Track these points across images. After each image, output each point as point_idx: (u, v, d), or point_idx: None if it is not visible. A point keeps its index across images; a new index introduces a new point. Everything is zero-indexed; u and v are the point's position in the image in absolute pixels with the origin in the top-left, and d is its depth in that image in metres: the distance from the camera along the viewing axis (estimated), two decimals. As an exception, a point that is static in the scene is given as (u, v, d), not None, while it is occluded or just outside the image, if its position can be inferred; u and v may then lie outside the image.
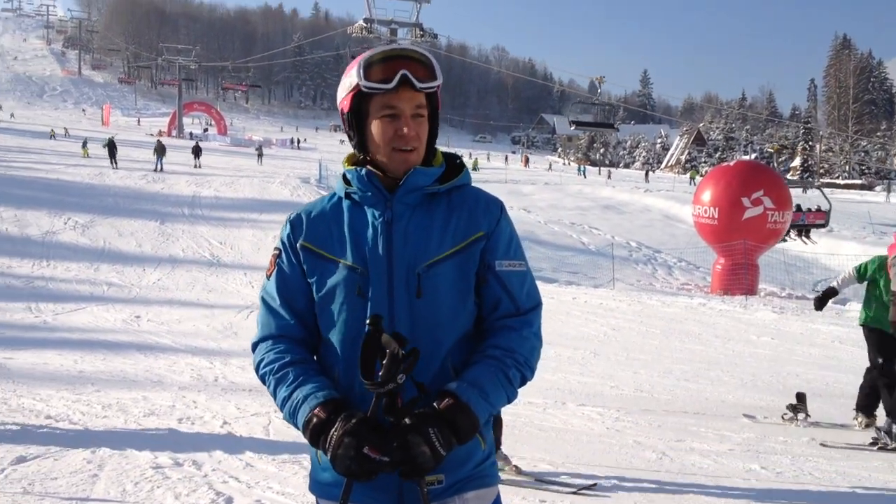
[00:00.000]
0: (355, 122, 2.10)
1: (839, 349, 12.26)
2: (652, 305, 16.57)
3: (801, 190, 32.60)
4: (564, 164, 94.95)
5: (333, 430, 1.89)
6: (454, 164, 2.19)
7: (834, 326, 14.10)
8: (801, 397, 7.83)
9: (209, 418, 7.30)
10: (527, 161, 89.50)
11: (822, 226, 28.88)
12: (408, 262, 2.03)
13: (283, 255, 2.15)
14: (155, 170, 38.80)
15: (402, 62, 2.02)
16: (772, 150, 54.64)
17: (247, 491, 5.11)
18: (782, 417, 7.75)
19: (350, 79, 2.07)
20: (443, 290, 2.03)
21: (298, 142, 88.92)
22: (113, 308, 15.49)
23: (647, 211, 37.36)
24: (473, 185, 2.20)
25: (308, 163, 53.29)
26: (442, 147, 2.23)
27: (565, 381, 9.53)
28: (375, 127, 2.05)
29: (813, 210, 28.05)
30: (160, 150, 40.33)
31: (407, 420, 1.87)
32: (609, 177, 70.20)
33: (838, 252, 25.40)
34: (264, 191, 35.07)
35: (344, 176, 2.15)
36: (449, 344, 2.04)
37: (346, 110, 2.11)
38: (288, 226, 2.17)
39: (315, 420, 1.93)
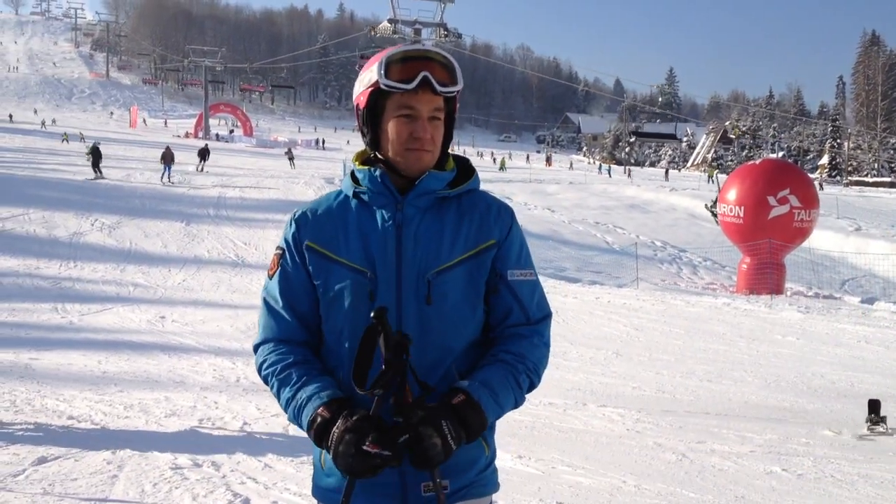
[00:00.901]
0: (370, 119, 2.08)
1: (865, 349, 12.11)
2: (676, 305, 16.46)
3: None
4: (589, 162, 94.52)
5: (335, 427, 1.89)
6: (464, 168, 2.17)
7: (860, 326, 13.93)
8: (875, 405, 7.56)
9: (230, 419, 7.33)
10: (548, 160, 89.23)
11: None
12: (418, 268, 2.01)
13: (287, 254, 2.12)
14: (162, 181, 34.28)
15: (424, 63, 2.00)
16: (733, 136, 55.19)
17: (264, 492, 5.13)
18: (869, 430, 7.32)
19: (370, 75, 2.05)
20: (452, 297, 2.02)
21: (323, 142, 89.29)
22: (138, 308, 15.61)
23: (673, 210, 37.11)
24: (497, 184, 2.19)
25: (333, 163, 53.46)
26: (467, 147, 2.21)
27: (587, 382, 9.49)
28: (391, 126, 2.03)
29: None
30: (168, 158, 35.27)
31: (419, 412, 1.86)
32: (629, 175, 69.77)
33: (866, 251, 25.14)
34: (289, 191, 35.24)
35: (353, 174, 2.13)
36: (457, 352, 2.04)
37: (361, 106, 2.09)
38: (293, 224, 2.13)
39: (319, 419, 1.93)
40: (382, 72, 2.00)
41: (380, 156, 2.09)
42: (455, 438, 1.86)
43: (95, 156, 34.79)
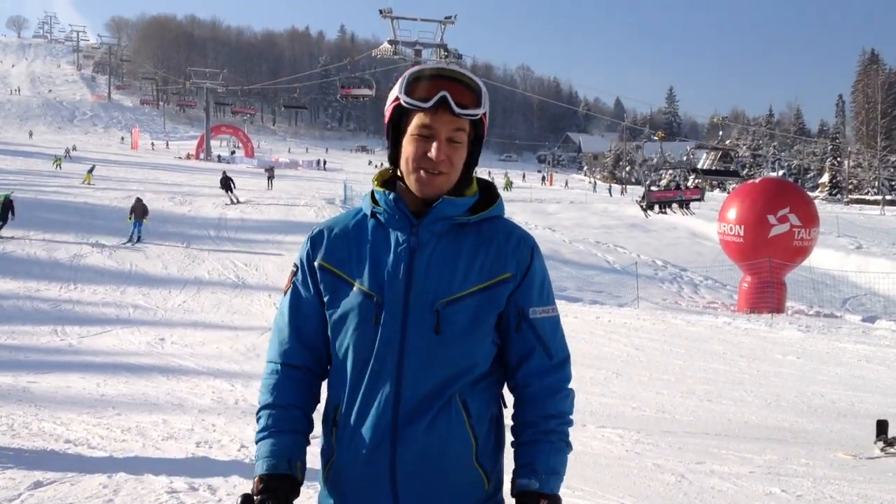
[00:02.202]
0: (393, 134, 2.06)
1: (866, 368, 12.08)
2: (676, 324, 16.43)
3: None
4: (590, 182, 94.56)
5: None
6: (489, 194, 2.12)
7: (861, 345, 13.90)
8: (883, 426, 7.50)
9: (227, 442, 7.31)
10: (544, 180, 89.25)
11: (699, 199, 38.87)
12: (427, 296, 1.96)
13: (300, 273, 2.10)
14: (129, 242, 26.25)
15: (447, 83, 1.96)
16: (657, 138, 56.97)
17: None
18: (882, 451, 7.24)
19: (395, 90, 2.02)
20: (461, 329, 1.97)
21: (325, 163, 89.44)
22: (138, 331, 15.62)
23: (674, 229, 37.13)
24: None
25: (333, 184, 53.52)
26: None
27: (586, 402, 9.45)
28: (407, 143, 2.00)
29: (690, 187, 37.83)
30: (139, 213, 27.03)
31: None
32: (623, 193, 69.82)
33: (867, 269, 25.10)
34: (289, 212, 35.29)
35: (372, 194, 2.09)
36: (462, 383, 1.99)
37: (386, 120, 2.07)
38: (308, 243, 2.12)
39: (252, 488, 1.99)
40: (404, 88, 1.98)
41: (399, 173, 2.06)
42: None
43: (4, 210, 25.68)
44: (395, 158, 2.06)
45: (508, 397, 2.13)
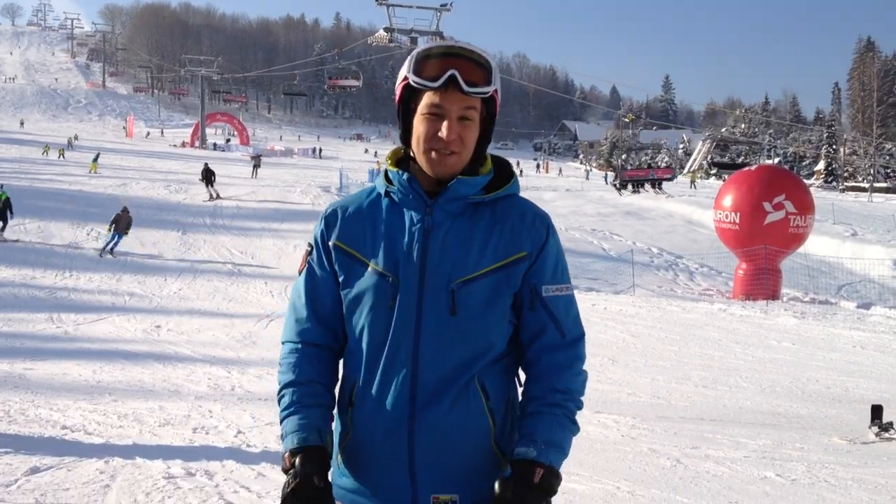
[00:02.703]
0: (403, 114, 2.03)
1: (860, 354, 12.12)
2: (672, 311, 16.47)
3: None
4: (587, 169, 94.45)
5: (286, 480, 1.92)
6: (503, 172, 2.10)
7: (856, 331, 13.95)
8: (878, 411, 7.51)
9: (224, 428, 7.32)
10: (539, 167, 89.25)
11: (670, 179, 42.32)
12: (442, 276, 1.95)
13: (315, 252, 2.10)
14: (102, 253, 23.16)
15: (457, 61, 1.93)
16: (627, 120, 59.09)
17: (257, 501, 5.12)
18: (877, 436, 7.29)
19: (404, 69, 1.99)
20: (477, 309, 1.96)
21: (320, 151, 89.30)
22: (134, 318, 15.61)
23: (669, 216, 37.13)
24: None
25: (329, 171, 53.46)
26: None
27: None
28: (417, 123, 1.98)
29: (661, 167, 39.05)
30: (121, 225, 23.62)
31: (514, 494, 1.86)
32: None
33: (863, 256, 25.15)
34: (285, 200, 35.26)
35: (386, 173, 2.08)
36: (479, 365, 1.98)
37: (396, 100, 2.05)
38: (322, 222, 2.10)
39: (283, 464, 1.96)
40: (412, 67, 1.96)
41: (411, 153, 2.04)
42: None
43: None
44: (406, 138, 2.04)
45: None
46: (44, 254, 22.20)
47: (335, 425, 2.09)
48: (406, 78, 1.98)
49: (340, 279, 2.04)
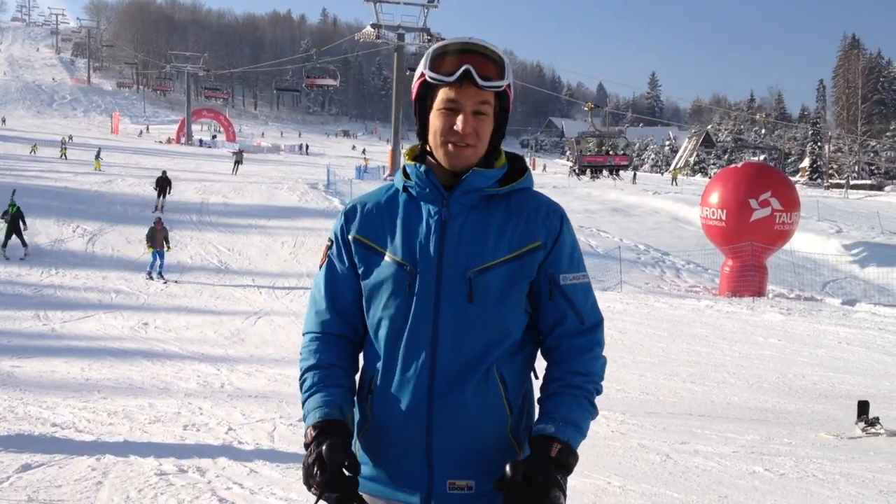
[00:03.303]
0: (420, 110, 2.08)
1: (846, 350, 12.23)
2: (659, 308, 16.55)
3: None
4: (573, 167, 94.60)
5: (307, 452, 1.95)
6: (517, 166, 2.15)
7: (841, 328, 14.06)
8: (864, 406, 7.59)
9: (214, 425, 7.32)
10: (534, 165, 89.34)
11: (626, 167, 44.90)
12: (459, 265, 2.00)
13: (335, 247, 2.15)
14: (149, 276, 20.43)
15: (470, 57, 1.98)
16: (586, 108, 59.52)
17: (250, 497, 5.13)
18: (864, 431, 7.39)
19: (420, 66, 2.05)
20: (493, 297, 2.00)
21: (307, 147, 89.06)
22: (121, 315, 15.58)
23: (656, 213, 37.24)
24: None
25: (316, 168, 53.32)
26: None
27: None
28: (434, 118, 2.03)
29: (618, 154, 43.05)
30: (159, 239, 20.79)
31: (537, 477, 1.86)
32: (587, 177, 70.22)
33: (848, 253, 25.33)
34: (272, 197, 35.16)
35: (404, 169, 2.13)
36: (497, 352, 2.02)
37: (413, 97, 2.10)
38: (342, 217, 2.16)
39: (305, 440, 2.00)
40: (428, 64, 2.01)
41: (428, 148, 2.09)
42: (565, 491, 1.90)
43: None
44: (423, 134, 2.09)
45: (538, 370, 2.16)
46: (29, 250, 22.07)
47: (354, 413, 2.13)
48: (423, 74, 2.03)
49: (360, 271, 2.09)
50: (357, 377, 2.17)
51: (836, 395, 9.28)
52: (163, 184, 30.62)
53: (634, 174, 75.51)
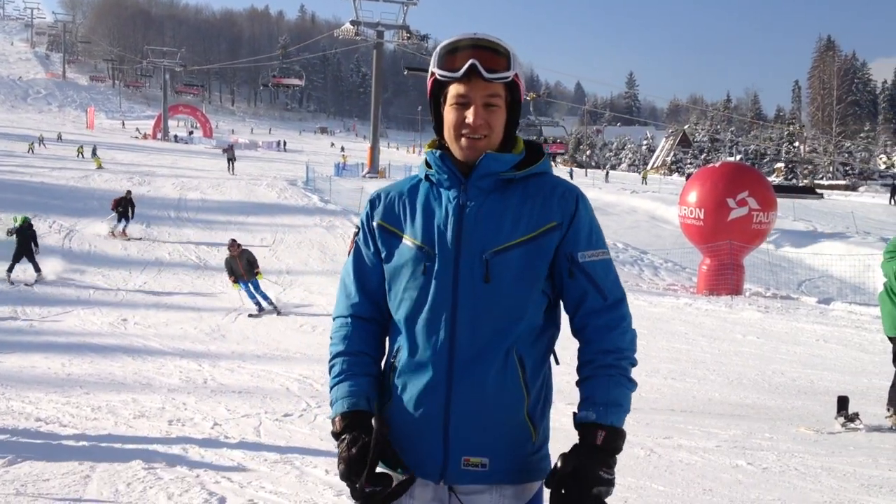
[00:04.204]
0: (434, 107, 2.17)
1: (823, 347, 12.37)
2: (639, 305, 16.63)
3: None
4: (553, 165, 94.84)
5: (340, 445, 2.06)
6: (534, 152, 2.20)
7: (818, 325, 14.22)
8: (844, 402, 7.69)
9: (199, 420, 7.32)
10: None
11: (563, 154, 43.70)
12: (476, 247, 2.05)
13: (361, 234, 2.24)
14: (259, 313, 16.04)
15: (476, 52, 2.05)
16: (529, 98, 60.69)
17: (239, 491, 5.14)
18: (843, 426, 7.46)
19: (431, 65, 2.12)
20: (510, 278, 2.05)
21: (285, 144, 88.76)
22: (99, 311, 15.49)
23: (634, 212, 37.46)
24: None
25: (295, 165, 53.18)
26: (426, 149, 2.25)
27: (555, 381, 9.56)
28: (447, 113, 2.10)
29: (555, 142, 44.83)
30: (245, 267, 16.66)
31: (583, 472, 1.93)
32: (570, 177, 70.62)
33: (822, 252, 25.59)
34: (251, 193, 35.05)
35: (426, 159, 2.20)
36: (515, 334, 2.06)
37: (428, 95, 2.18)
38: (368, 206, 2.24)
39: (333, 428, 2.11)
40: (437, 63, 2.09)
41: (444, 143, 2.16)
42: (613, 475, 1.97)
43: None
44: (439, 129, 2.17)
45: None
46: (4, 246, 21.83)
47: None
48: (433, 73, 2.11)
49: (383, 255, 2.18)
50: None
51: (815, 391, 9.39)
52: (126, 205, 25.32)
53: (607, 173, 75.86)
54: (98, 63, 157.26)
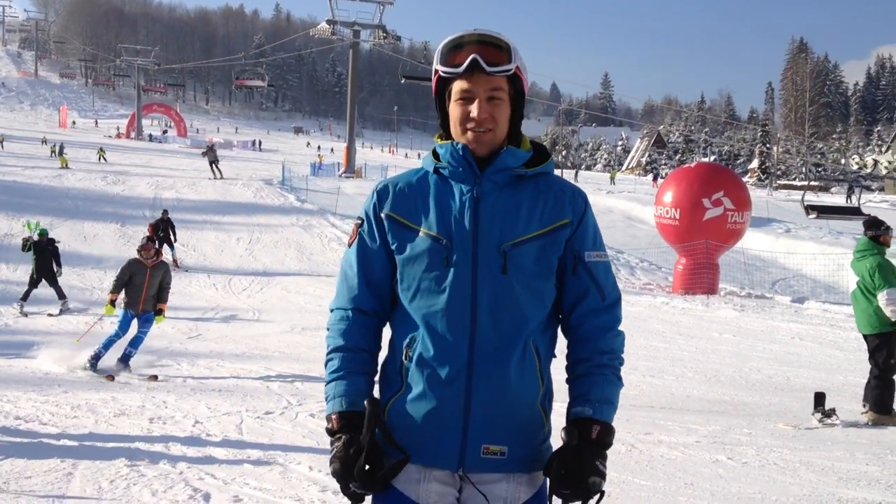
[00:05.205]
0: (439, 104, 2.19)
1: (799, 345, 12.52)
2: (616, 304, 16.76)
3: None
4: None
5: (334, 444, 2.07)
6: (540, 151, 2.23)
7: (793, 324, 14.38)
8: (820, 398, 7.76)
9: (180, 418, 7.28)
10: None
11: None
12: (493, 239, 2.08)
13: (366, 224, 2.22)
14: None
15: (477, 47, 2.08)
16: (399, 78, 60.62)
17: (224, 487, 5.13)
18: (820, 422, 7.58)
19: (434, 63, 2.14)
20: (527, 270, 2.09)
21: (260, 143, 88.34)
22: (75, 311, 15.35)
23: (610, 212, 37.61)
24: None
25: (270, 164, 52.94)
26: (407, 150, 2.26)
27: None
28: (452, 109, 2.13)
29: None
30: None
31: (579, 463, 2.00)
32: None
33: (796, 251, 25.83)
34: (227, 193, 34.87)
35: (434, 151, 2.21)
36: (533, 324, 2.11)
37: (433, 93, 2.20)
38: (374, 195, 2.23)
39: (328, 425, 2.12)
40: (440, 59, 2.12)
41: (451, 139, 2.17)
42: (606, 468, 2.06)
43: None
44: (445, 125, 2.20)
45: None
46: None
47: (379, 383, 2.22)
48: (437, 71, 2.15)
49: (393, 247, 2.17)
50: (386, 346, 2.24)
51: (791, 388, 9.51)
52: (166, 229, 22.54)
53: (576, 173, 76.01)
54: (71, 62, 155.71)
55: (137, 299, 10.60)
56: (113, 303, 11.06)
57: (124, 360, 10.32)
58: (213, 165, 40.64)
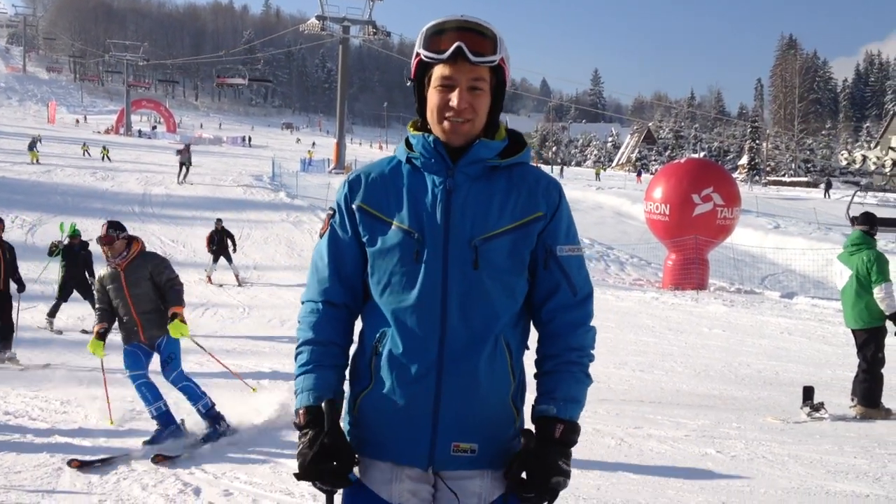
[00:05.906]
0: (418, 90, 2.12)
1: (788, 340, 12.57)
2: (606, 299, 16.78)
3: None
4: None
5: (301, 439, 2.02)
6: (516, 141, 2.19)
7: (783, 319, 14.44)
8: (809, 392, 7.80)
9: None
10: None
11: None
12: (465, 233, 2.04)
13: (338, 215, 2.17)
14: None
15: (463, 34, 2.02)
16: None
17: (214, 481, 5.13)
18: (809, 416, 7.62)
19: (416, 46, 2.08)
20: (498, 265, 2.05)
21: (250, 139, 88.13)
22: (65, 305, 15.27)
23: (600, 208, 37.69)
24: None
25: (260, 160, 52.81)
26: (395, 145, 2.24)
27: (527, 374, 9.63)
28: (431, 95, 2.07)
29: None
30: None
31: (541, 462, 1.98)
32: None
33: (785, 247, 25.92)
34: (217, 189, 34.78)
35: (407, 140, 2.16)
36: (504, 319, 2.07)
37: (412, 76, 2.13)
38: (346, 186, 2.18)
39: (296, 420, 2.06)
40: (423, 43, 2.05)
41: (427, 125, 2.13)
42: (569, 467, 2.03)
43: None
44: (422, 111, 2.13)
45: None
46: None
47: (349, 378, 2.18)
48: (418, 54, 2.08)
49: (364, 239, 2.12)
50: (356, 341, 2.20)
51: (780, 382, 9.55)
52: (222, 238, 20.86)
53: (562, 169, 76.01)
54: (59, 57, 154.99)
55: (132, 325, 7.05)
56: (102, 336, 7.16)
57: (209, 418, 6.74)
58: (183, 167, 36.39)
